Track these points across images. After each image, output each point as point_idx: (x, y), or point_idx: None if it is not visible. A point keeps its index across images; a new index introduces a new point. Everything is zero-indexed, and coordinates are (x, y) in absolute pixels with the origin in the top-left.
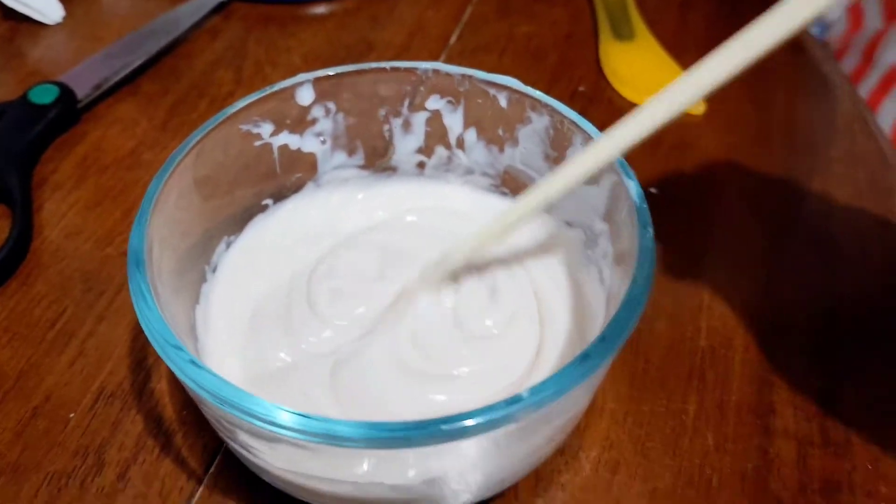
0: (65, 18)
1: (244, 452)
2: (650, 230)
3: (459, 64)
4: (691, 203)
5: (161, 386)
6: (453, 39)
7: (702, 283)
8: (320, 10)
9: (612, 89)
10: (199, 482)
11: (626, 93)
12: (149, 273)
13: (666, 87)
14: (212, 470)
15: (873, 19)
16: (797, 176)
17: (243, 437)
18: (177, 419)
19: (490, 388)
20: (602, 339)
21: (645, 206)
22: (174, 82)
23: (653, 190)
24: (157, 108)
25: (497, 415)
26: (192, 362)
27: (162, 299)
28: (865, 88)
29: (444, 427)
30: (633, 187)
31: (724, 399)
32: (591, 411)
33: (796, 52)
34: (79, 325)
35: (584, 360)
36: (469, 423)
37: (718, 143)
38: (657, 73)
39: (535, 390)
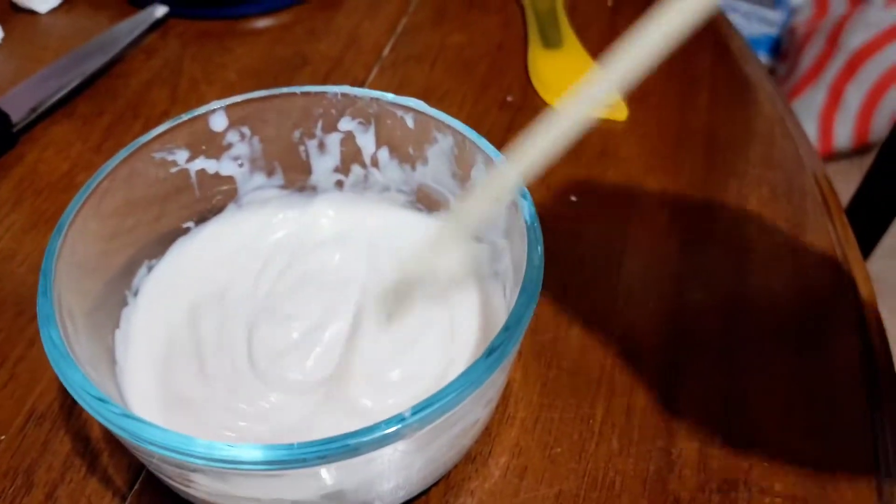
0: (3, 39)
1: (161, 476)
2: (539, 249)
3: (392, 76)
4: (610, 210)
5: None
6: (386, 51)
7: (617, 289)
8: (259, 23)
9: (540, 98)
10: (123, 500)
11: (552, 100)
12: (59, 319)
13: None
14: (136, 488)
15: (839, 4)
16: (715, 180)
17: (158, 464)
18: (103, 438)
19: (405, 394)
20: (486, 354)
21: (536, 224)
22: (110, 103)
23: (573, 198)
24: (93, 130)
25: (381, 433)
26: (123, 414)
27: (80, 336)
28: (831, 73)
29: (334, 446)
30: (525, 207)
31: (631, 403)
32: (502, 419)
33: (719, 54)
34: (11, 349)
35: (459, 381)
36: (356, 441)
37: (640, 149)
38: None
39: (416, 409)
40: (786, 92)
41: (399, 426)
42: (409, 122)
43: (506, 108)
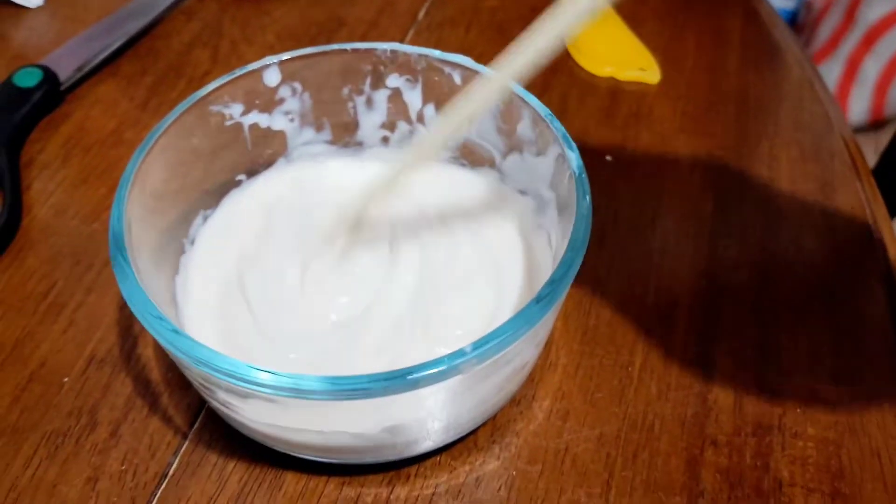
0: (45, 2)
1: (223, 409)
2: (588, 199)
3: (427, 39)
4: (644, 169)
5: (147, 352)
6: (421, 15)
7: (652, 245)
8: None
9: (574, 61)
10: (185, 437)
11: (585, 63)
12: (129, 252)
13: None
14: (196, 426)
15: None
16: (746, 141)
17: (221, 395)
18: (162, 381)
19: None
20: (536, 300)
21: (584, 175)
22: (152, 63)
23: (608, 158)
24: (137, 89)
25: (443, 366)
26: (173, 330)
27: (143, 274)
28: (848, 46)
29: (397, 379)
30: (573, 159)
31: (668, 352)
32: (545, 365)
33: (749, 19)
34: (69, 297)
35: (510, 324)
36: (418, 375)
37: (672, 111)
38: (615, 44)
39: (476, 344)
40: None
41: (460, 361)
42: (457, 78)
43: (539, 71)
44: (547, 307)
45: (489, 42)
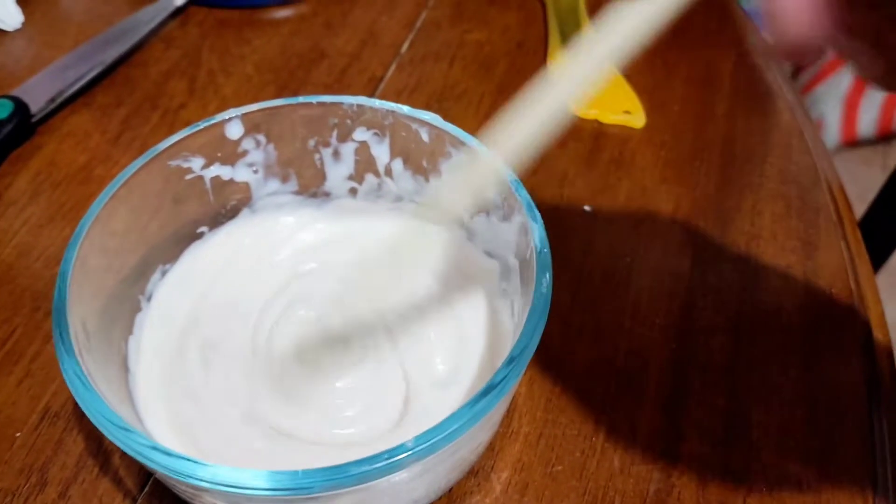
0: (23, 24)
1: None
2: (548, 276)
3: (410, 73)
4: (622, 222)
5: None
6: (405, 47)
7: (625, 303)
8: (277, 14)
9: None
10: (134, 502)
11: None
12: (76, 347)
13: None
14: (146, 490)
15: None
16: (730, 192)
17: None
18: None
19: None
20: (485, 390)
21: (546, 250)
22: (128, 94)
23: (587, 208)
24: (111, 121)
25: (381, 463)
26: (120, 426)
27: (92, 339)
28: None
29: (338, 474)
30: (536, 231)
31: (634, 422)
32: (506, 434)
33: (741, 60)
34: (27, 345)
35: (460, 414)
36: (359, 470)
37: (655, 158)
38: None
39: (418, 439)
40: (811, 76)
41: (403, 456)
42: (424, 135)
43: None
44: (497, 397)
45: (473, 77)
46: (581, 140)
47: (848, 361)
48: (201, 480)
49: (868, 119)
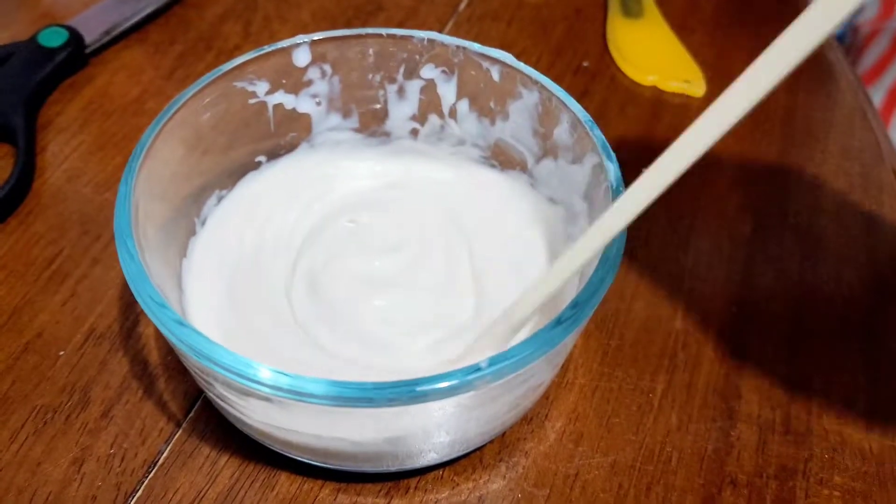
0: None
1: (219, 402)
2: None
3: (467, 31)
4: (681, 186)
5: (148, 331)
6: (462, 6)
7: (683, 266)
8: None
9: (616, 67)
10: (178, 426)
11: (629, 71)
12: (134, 231)
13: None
14: (191, 415)
15: None
16: (791, 165)
17: (219, 388)
18: (161, 364)
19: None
20: (557, 321)
21: (622, 189)
22: (182, 32)
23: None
24: (164, 57)
25: (456, 381)
26: (175, 320)
27: (147, 254)
28: (891, 75)
29: (404, 390)
30: (612, 170)
31: (693, 381)
32: (561, 384)
33: None
34: (74, 267)
35: (529, 343)
36: (428, 387)
37: None
38: (661, 53)
39: (492, 360)
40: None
41: (474, 376)
42: (495, 74)
43: (581, 74)
44: (569, 330)
45: (530, 38)
46: (640, 106)
47: None
48: (256, 383)
49: None
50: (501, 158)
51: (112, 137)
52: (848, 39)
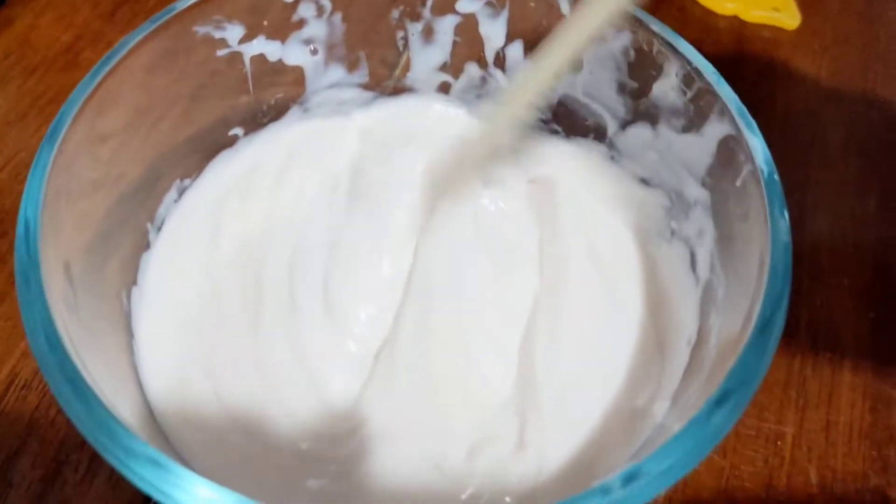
0: None
1: None
2: (785, 218)
3: None
4: (784, 149)
5: None
6: None
7: (800, 254)
8: None
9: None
10: None
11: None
12: (54, 310)
13: None
14: None
15: None
16: None
17: None
18: None
19: None
20: (708, 409)
21: (776, 178)
22: None
23: None
24: None
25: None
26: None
27: (78, 318)
28: None
29: None
30: (758, 146)
31: (831, 417)
32: None
33: None
34: None
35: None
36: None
37: (816, 67)
38: None
39: (624, 477)
40: None
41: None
42: (564, 4)
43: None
44: (730, 419)
45: None
46: (718, 43)
47: None
48: None
49: None
50: (567, 122)
51: (37, 101)
52: None
